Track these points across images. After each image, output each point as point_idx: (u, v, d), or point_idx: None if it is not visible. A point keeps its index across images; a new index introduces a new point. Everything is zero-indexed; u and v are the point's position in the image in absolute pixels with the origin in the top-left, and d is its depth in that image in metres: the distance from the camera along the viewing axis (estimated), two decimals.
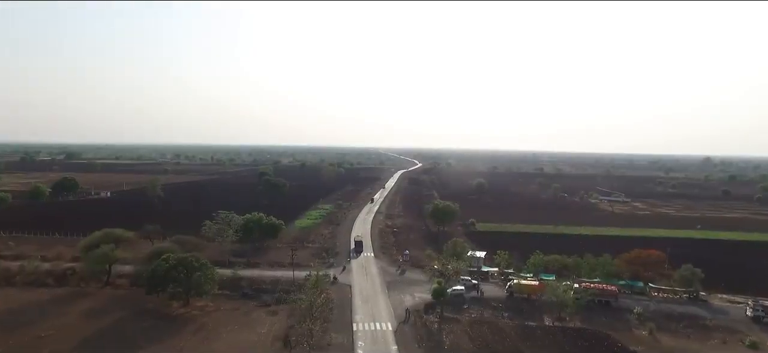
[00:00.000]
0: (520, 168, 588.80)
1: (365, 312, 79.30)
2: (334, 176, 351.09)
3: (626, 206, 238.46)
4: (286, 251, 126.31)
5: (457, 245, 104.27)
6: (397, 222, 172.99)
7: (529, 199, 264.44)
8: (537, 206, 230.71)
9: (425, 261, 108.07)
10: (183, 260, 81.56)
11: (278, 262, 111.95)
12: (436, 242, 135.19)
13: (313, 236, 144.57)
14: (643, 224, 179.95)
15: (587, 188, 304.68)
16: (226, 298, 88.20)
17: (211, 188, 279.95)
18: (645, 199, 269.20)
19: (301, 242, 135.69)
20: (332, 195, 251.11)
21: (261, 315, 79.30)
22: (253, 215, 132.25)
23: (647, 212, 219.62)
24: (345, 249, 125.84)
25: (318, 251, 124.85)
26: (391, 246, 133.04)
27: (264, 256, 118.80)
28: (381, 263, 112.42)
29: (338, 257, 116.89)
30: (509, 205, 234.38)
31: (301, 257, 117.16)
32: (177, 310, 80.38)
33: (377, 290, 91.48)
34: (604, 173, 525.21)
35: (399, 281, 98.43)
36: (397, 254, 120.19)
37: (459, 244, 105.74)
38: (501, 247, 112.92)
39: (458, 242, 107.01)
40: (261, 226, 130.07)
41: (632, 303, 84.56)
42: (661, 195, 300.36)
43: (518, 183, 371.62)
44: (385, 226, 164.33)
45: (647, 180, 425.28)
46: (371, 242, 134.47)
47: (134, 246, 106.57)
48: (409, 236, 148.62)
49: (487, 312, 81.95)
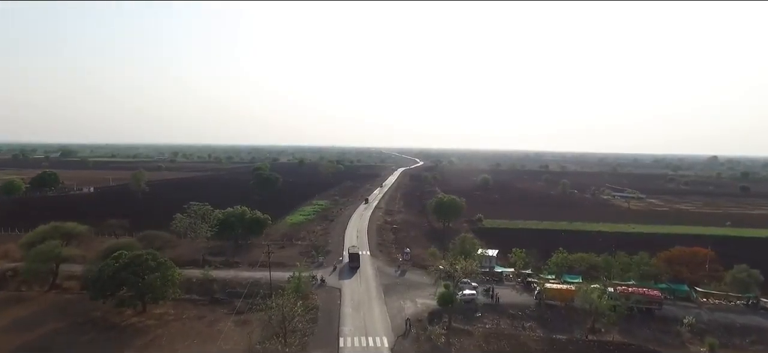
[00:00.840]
0: (524, 166, 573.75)
1: (356, 323, 65.11)
2: (333, 172, 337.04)
3: (641, 202, 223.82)
4: (272, 248, 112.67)
5: (465, 242, 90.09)
6: (397, 218, 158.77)
7: (537, 195, 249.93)
8: (546, 203, 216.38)
9: (429, 260, 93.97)
10: (137, 259, 67.56)
11: (263, 261, 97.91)
12: (440, 240, 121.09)
13: (304, 233, 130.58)
14: (664, 220, 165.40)
15: (595, 185, 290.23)
16: (193, 304, 74.31)
17: (202, 185, 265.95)
18: (659, 196, 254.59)
19: (290, 240, 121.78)
20: (329, 191, 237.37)
21: (229, 325, 65.18)
22: (235, 209, 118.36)
23: (665, 208, 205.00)
24: (337, 247, 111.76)
25: (307, 249, 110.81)
26: (389, 244, 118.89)
27: (246, 254, 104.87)
28: (378, 262, 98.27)
29: (329, 257, 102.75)
30: (517, 201, 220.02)
31: (288, 256, 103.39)
32: (129, 319, 66.40)
33: (372, 295, 77.27)
34: (610, 170, 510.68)
35: (398, 283, 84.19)
36: (397, 253, 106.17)
37: (468, 241, 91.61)
38: (511, 245, 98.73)
39: (467, 239, 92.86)
40: (244, 221, 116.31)
41: (678, 311, 70.24)
42: (675, 192, 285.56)
43: (523, 180, 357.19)
44: (383, 222, 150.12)
45: (656, 178, 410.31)
46: (368, 240, 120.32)
47: (90, 243, 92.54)
48: (410, 233, 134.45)
49: (505, 321, 67.73)
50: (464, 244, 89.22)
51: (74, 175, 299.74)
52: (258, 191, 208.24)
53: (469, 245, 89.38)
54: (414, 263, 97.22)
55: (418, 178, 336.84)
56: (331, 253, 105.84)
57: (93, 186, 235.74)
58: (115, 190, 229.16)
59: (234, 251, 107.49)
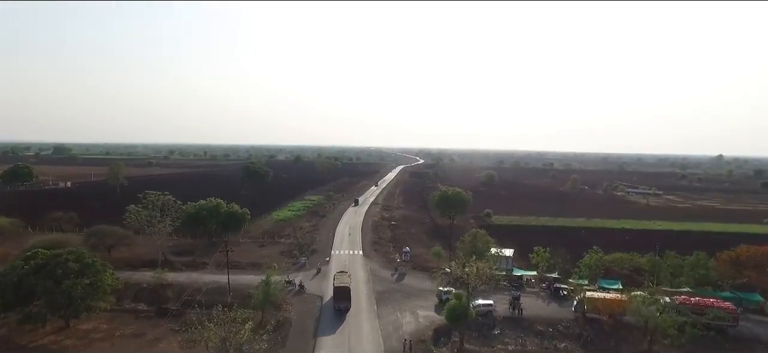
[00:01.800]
0: (527, 164, 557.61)
1: (337, 344, 49.51)
2: (329, 168, 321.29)
3: (659, 199, 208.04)
4: (251, 247, 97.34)
5: (477, 239, 74.45)
6: (396, 214, 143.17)
7: (546, 192, 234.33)
8: (557, 199, 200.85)
9: (432, 261, 78.54)
10: (53, 260, 52.01)
11: (234, 262, 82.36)
12: (444, 238, 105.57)
13: (290, 230, 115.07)
14: (690, 217, 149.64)
15: (605, 182, 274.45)
16: (135, 316, 58.88)
17: (189, 180, 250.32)
18: (675, 192, 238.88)
19: (272, 237, 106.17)
20: (324, 186, 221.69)
21: (173, 346, 49.70)
22: (208, 201, 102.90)
23: (687, 204, 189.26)
24: (325, 246, 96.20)
25: (291, 247, 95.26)
26: (387, 242, 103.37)
27: (220, 254, 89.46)
28: (372, 264, 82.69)
29: (315, 256, 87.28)
30: (525, 197, 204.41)
31: (267, 256, 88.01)
32: (42, 339, 50.89)
33: (361, 305, 61.67)
34: (616, 169, 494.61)
35: (395, 290, 68.55)
36: (394, 253, 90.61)
37: (481, 237, 75.98)
38: (524, 243, 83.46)
39: (479, 235, 77.20)
40: (218, 216, 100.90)
41: (755, 327, 54.74)
42: (690, 189, 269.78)
43: (528, 177, 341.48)
44: (380, 218, 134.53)
45: (665, 175, 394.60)
46: (361, 238, 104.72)
47: (18, 239, 77.01)
48: (410, 231, 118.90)
49: (532, 341, 52.21)
50: (476, 241, 73.68)
51: (57, 170, 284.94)
52: (246, 185, 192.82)
53: (481, 242, 73.83)
54: (414, 265, 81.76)
55: (419, 174, 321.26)
56: (317, 253, 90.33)
57: (71, 181, 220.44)
58: (92, 185, 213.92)
59: (205, 250, 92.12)
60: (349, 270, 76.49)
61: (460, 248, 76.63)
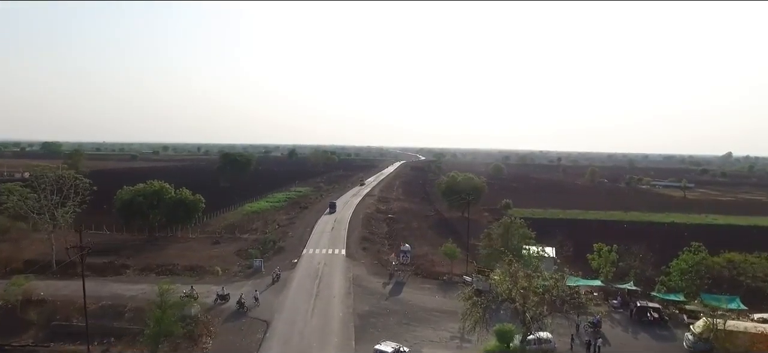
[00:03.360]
0: (533, 161, 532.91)
1: None
2: (324, 160, 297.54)
3: (693, 192, 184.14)
4: (201, 244, 73.82)
5: (513, 231, 50.44)
6: (394, 207, 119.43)
7: (562, 185, 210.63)
8: (577, 192, 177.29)
9: (442, 263, 55.00)
10: None
11: (166, 266, 58.92)
12: (454, 234, 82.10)
13: (260, 223, 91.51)
14: (738, 211, 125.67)
15: (625, 176, 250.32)
16: None
17: (162, 172, 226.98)
18: (705, 187, 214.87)
19: (233, 232, 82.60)
20: (314, 179, 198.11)
21: None
22: (147, 184, 79.69)
23: (728, 198, 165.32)
24: (296, 244, 72.43)
25: (252, 245, 71.76)
26: (381, 238, 79.85)
27: (158, 252, 66.27)
28: (358, 268, 58.84)
29: (278, 257, 63.65)
30: (541, 189, 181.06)
31: (216, 257, 64.72)
32: None
33: (330, 339, 37.72)
34: (625, 165, 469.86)
35: (388, 310, 44.70)
36: (390, 252, 66.58)
37: (517, 228, 51.71)
38: (553, 241, 59.65)
39: (515, 225, 52.65)
40: (163, 204, 77.74)
41: None
42: (716, 184, 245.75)
43: (538, 171, 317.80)
44: (375, 210, 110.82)
45: (680, 172, 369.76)
46: (347, 234, 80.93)
47: None
48: (411, 225, 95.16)
49: None
50: (509, 236, 49.70)
51: (25, 163, 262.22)
52: (226, 175, 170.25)
53: (517, 236, 49.89)
54: (417, 269, 58.05)
55: (421, 169, 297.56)
56: (284, 252, 66.64)
57: (29, 172, 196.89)
58: None
59: (138, 249, 68.84)
60: (319, 277, 52.83)
61: (484, 246, 52.94)
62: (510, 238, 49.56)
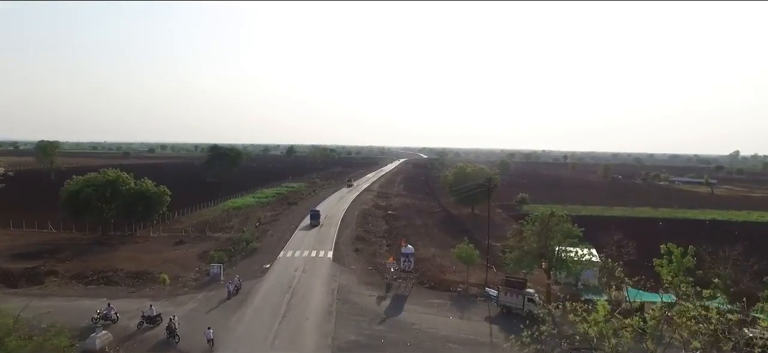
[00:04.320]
0: (538, 159, 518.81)
1: None
2: (322, 157, 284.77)
3: (718, 188, 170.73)
4: (162, 244, 61.18)
5: (553, 225, 37.34)
6: (395, 203, 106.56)
7: (575, 181, 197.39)
8: (593, 188, 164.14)
9: (454, 269, 42.31)
10: None
11: (103, 272, 46.35)
12: (465, 232, 69.46)
13: (238, 220, 78.82)
14: None
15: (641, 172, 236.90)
16: None
17: (154, 169, 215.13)
18: (729, 184, 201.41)
19: (202, 230, 69.90)
20: (310, 175, 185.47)
21: None
22: (101, 173, 67.24)
23: (762, 194, 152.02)
24: (274, 245, 59.59)
25: (223, 245, 59.10)
26: (378, 238, 67.03)
27: (105, 254, 54.00)
28: (346, 276, 45.91)
29: (248, 261, 50.85)
30: (552, 186, 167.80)
31: (172, 260, 52.21)
32: None
33: None
34: (632, 163, 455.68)
35: (382, 341, 31.68)
36: (389, 255, 53.50)
37: (562, 223, 38.26)
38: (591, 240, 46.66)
39: (560, 219, 39.07)
40: (121, 196, 65.30)
41: None
42: (737, 180, 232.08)
43: (546, 168, 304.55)
44: (373, 206, 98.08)
45: (693, 170, 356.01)
46: (337, 231, 68.03)
47: None
48: (414, 222, 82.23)
49: None
50: (547, 231, 36.68)
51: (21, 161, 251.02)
52: (215, 170, 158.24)
53: (558, 234, 36.89)
54: (421, 276, 45.29)
55: (423, 166, 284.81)
56: (258, 254, 53.81)
57: (6, 168, 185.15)
58: (30, 172, 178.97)
59: (88, 249, 56.50)
60: (298, 289, 40.01)
61: (512, 247, 40.04)
62: (549, 236, 36.63)
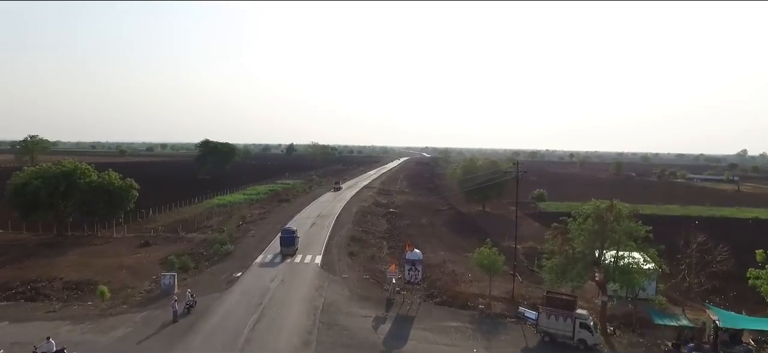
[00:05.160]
0: (543, 158, 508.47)
1: None
2: (321, 154, 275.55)
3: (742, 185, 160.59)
4: (124, 246, 51.94)
5: (617, 229, 27.55)
6: (397, 200, 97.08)
7: (587, 178, 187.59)
8: (606, 185, 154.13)
9: (472, 280, 32.96)
10: None
11: (34, 282, 37.21)
12: (477, 232, 60.32)
13: (220, 219, 69.64)
14: None
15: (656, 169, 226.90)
16: None
17: (146, 167, 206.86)
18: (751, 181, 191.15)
19: (175, 230, 60.66)
20: (308, 172, 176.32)
21: None
22: (56, 164, 58.24)
23: None
24: (256, 244, 50.27)
25: (194, 248, 49.97)
26: (378, 240, 57.63)
27: (49, 259, 45.13)
28: (336, 289, 36.41)
29: (219, 267, 41.59)
30: (565, 183, 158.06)
31: (127, 267, 42.95)
32: None
33: None
34: (640, 161, 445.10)
35: None
36: (390, 261, 43.90)
37: (624, 220, 28.33)
38: None
39: (620, 214, 29.03)
40: (79, 191, 56.42)
41: None
42: (754, 179, 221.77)
43: (554, 166, 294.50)
44: (373, 203, 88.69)
45: (703, 168, 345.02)
46: (330, 231, 58.48)
47: None
48: (419, 221, 72.63)
49: None
50: (604, 228, 27.10)
51: None
52: (207, 167, 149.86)
53: (622, 230, 27.23)
54: (430, 290, 35.94)
55: (427, 163, 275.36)
56: (229, 260, 44.33)
57: None
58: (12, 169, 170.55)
59: (33, 252, 47.48)
60: (270, 306, 30.58)
61: (550, 251, 30.48)
62: (605, 237, 27.09)
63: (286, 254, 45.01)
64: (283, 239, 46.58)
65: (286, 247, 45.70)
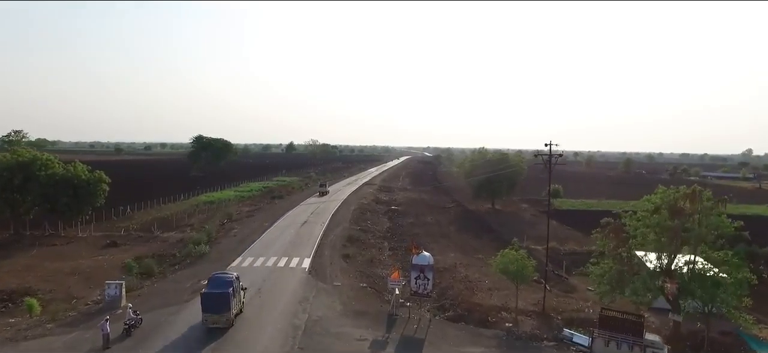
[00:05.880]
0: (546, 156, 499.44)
1: None
2: (321, 152, 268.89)
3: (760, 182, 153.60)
4: (85, 247, 45.30)
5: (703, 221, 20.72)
6: (400, 197, 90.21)
7: (596, 176, 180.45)
8: (618, 183, 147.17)
9: (494, 287, 25.94)
10: None
11: None
12: (488, 231, 53.61)
13: (203, 217, 62.93)
14: None
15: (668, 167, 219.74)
16: None
17: (139, 164, 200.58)
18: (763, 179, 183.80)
19: (150, 230, 53.93)
20: (306, 170, 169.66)
21: None
22: (12, 153, 51.71)
23: None
24: (236, 244, 43.50)
25: (166, 250, 43.25)
26: (378, 240, 50.77)
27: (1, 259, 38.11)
28: (324, 301, 29.51)
29: (187, 272, 34.84)
30: (575, 180, 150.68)
31: (88, 269, 36.37)
32: None
33: None
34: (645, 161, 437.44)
35: None
36: (393, 267, 37.09)
37: (712, 212, 21.35)
38: None
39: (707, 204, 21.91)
40: (39, 184, 49.86)
41: None
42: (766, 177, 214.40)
43: (560, 164, 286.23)
44: (373, 200, 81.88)
45: (711, 167, 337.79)
46: (324, 231, 51.57)
47: None
48: (424, 219, 65.75)
49: None
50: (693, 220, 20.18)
51: None
52: (200, 164, 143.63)
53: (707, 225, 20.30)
54: (441, 301, 29.10)
55: (430, 162, 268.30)
56: (202, 263, 37.57)
57: None
58: None
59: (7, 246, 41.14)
60: (239, 329, 23.65)
61: (599, 254, 23.72)
62: (690, 233, 20.31)
63: (214, 325, 23.12)
64: (208, 298, 23.07)
65: (212, 313, 23.01)
